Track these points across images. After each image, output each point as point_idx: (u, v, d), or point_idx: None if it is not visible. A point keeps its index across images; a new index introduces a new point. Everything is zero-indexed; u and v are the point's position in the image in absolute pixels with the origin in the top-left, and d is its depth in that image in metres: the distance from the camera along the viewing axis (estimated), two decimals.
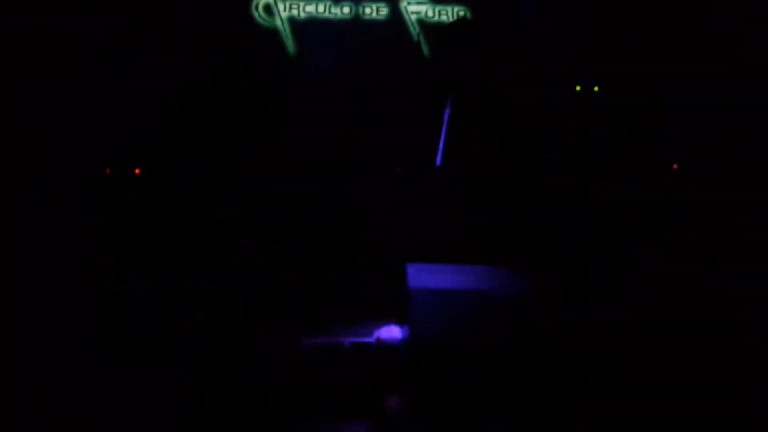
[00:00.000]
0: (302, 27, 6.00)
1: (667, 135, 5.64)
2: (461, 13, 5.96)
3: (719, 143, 5.52)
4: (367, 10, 6.00)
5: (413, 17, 5.96)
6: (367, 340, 4.21)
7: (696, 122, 5.60)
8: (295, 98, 5.87)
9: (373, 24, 6.00)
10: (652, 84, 5.71)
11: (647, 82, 5.72)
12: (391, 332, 4.26)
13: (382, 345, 4.17)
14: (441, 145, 4.81)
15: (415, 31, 5.87)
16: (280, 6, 5.98)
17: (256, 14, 5.97)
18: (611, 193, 5.37)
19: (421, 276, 4.07)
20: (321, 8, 6.00)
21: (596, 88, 5.69)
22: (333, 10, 5.99)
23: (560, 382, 3.84)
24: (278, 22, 5.98)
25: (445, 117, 4.84)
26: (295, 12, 5.99)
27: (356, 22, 5.99)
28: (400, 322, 4.25)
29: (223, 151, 5.56)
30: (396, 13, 5.99)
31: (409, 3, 5.97)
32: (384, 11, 6.00)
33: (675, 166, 5.51)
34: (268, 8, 5.98)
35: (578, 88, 5.69)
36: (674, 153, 5.56)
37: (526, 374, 3.88)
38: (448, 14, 5.97)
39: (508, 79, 5.73)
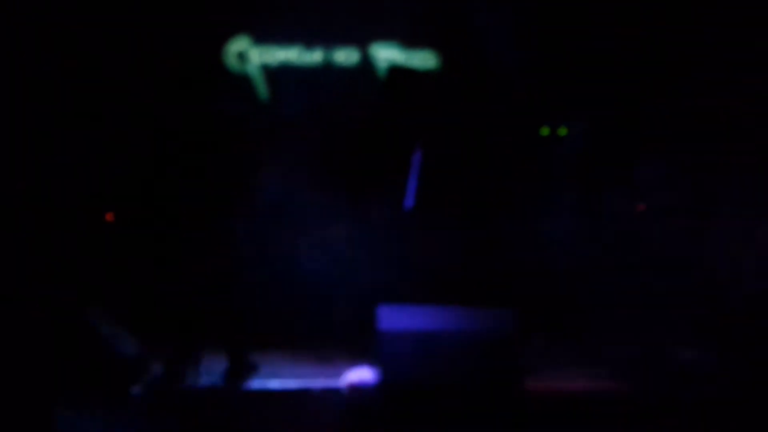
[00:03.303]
0: (275, 73, 6.08)
1: (635, 177, 5.74)
2: (429, 58, 6.06)
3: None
4: (339, 56, 6.09)
5: (384, 63, 6.05)
6: (338, 383, 4.23)
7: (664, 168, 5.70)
8: (267, 144, 5.93)
9: (344, 70, 6.09)
10: (622, 127, 5.82)
11: (617, 126, 5.82)
12: (363, 375, 4.28)
13: (354, 388, 4.19)
14: (411, 188, 4.87)
15: (384, 76, 5.97)
16: (253, 53, 6.06)
17: (229, 61, 6.06)
18: (578, 232, 5.46)
19: (392, 318, 4.10)
20: (293, 54, 6.08)
21: (563, 131, 5.79)
22: (305, 56, 6.08)
23: (534, 420, 3.88)
24: (251, 69, 6.05)
25: (415, 160, 4.91)
26: (267, 59, 6.07)
27: (328, 67, 6.08)
28: (371, 365, 4.28)
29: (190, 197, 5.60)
30: (367, 59, 6.09)
31: (379, 48, 6.07)
32: (355, 57, 6.09)
33: (641, 207, 5.60)
34: (240, 55, 6.06)
35: (545, 131, 5.79)
36: (641, 195, 5.65)
37: (499, 413, 3.92)
38: (419, 59, 6.06)
39: (477, 124, 5.83)
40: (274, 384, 4.39)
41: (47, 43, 5.72)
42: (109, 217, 5.47)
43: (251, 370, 4.47)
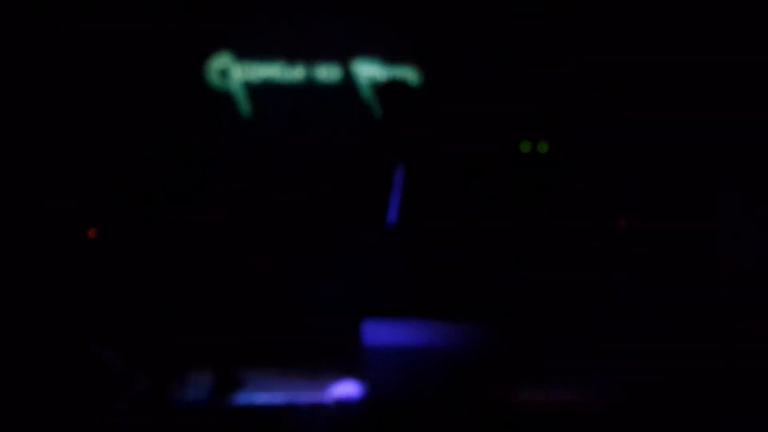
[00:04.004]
0: (257, 90, 6.09)
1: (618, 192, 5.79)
2: (411, 74, 6.10)
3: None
4: (321, 73, 6.11)
5: (365, 80, 6.08)
6: (323, 398, 4.24)
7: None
8: (248, 162, 5.95)
9: (326, 86, 6.12)
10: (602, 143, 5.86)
11: (597, 141, 5.87)
12: (348, 390, 4.29)
13: (339, 403, 4.20)
14: (394, 203, 4.90)
15: (367, 93, 5.99)
16: (235, 70, 6.08)
17: (210, 78, 6.07)
18: (565, 249, 5.49)
19: (378, 333, 4.12)
20: (276, 71, 6.10)
21: (545, 147, 5.83)
22: (287, 73, 6.10)
23: None
24: (233, 86, 6.07)
25: (398, 175, 4.93)
26: (249, 76, 6.09)
27: (310, 84, 6.10)
28: (356, 380, 4.29)
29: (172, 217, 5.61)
30: (348, 76, 6.12)
31: (361, 64, 6.10)
32: (337, 73, 6.12)
33: (623, 223, 5.64)
34: (222, 72, 6.07)
35: (526, 147, 5.83)
36: (625, 210, 5.70)
37: (486, 428, 3.93)
38: (400, 75, 6.10)
39: (458, 140, 5.87)
40: (260, 399, 4.39)
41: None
42: (92, 233, 5.46)
43: (237, 384, 4.47)
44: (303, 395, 4.38)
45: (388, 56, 6.09)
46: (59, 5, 5.74)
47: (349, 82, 6.11)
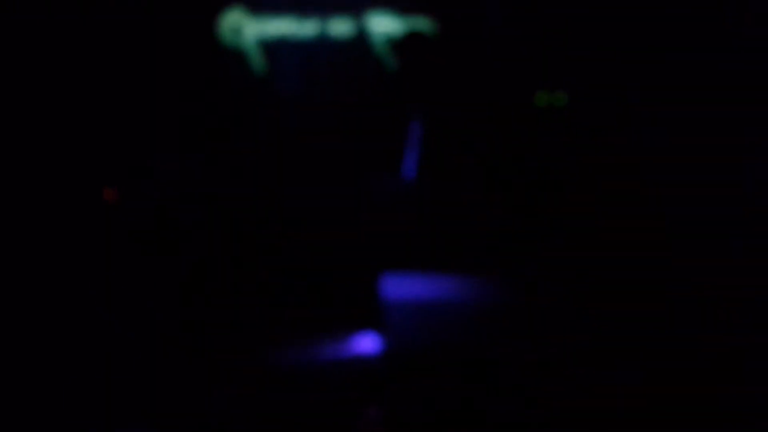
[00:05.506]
0: (270, 47, 6.04)
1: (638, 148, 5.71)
2: (426, 27, 6.02)
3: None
4: (334, 27, 6.04)
5: (379, 34, 6.01)
6: (342, 352, 4.23)
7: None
8: (263, 117, 5.91)
9: (340, 41, 6.05)
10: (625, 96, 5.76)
11: (620, 95, 5.77)
12: (367, 345, 4.28)
13: (358, 358, 4.19)
14: (412, 156, 4.86)
15: (381, 47, 5.92)
16: (248, 25, 6.02)
17: (223, 35, 6.01)
18: (586, 202, 5.44)
19: (397, 286, 4.10)
20: (288, 27, 6.04)
21: (563, 100, 5.76)
22: (300, 28, 6.04)
23: (541, 392, 3.88)
24: (246, 42, 6.01)
25: (414, 128, 4.89)
26: (262, 31, 6.03)
27: (323, 39, 6.04)
28: (376, 334, 4.28)
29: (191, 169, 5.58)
30: (362, 29, 6.05)
31: (375, 17, 6.03)
32: (350, 27, 6.05)
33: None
34: (235, 29, 6.01)
35: (541, 101, 5.75)
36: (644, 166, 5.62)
37: (505, 384, 3.91)
38: (415, 28, 6.02)
39: (476, 91, 5.81)
40: (276, 355, 4.38)
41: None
42: (108, 194, 5.41)
43: (252, 343, 4.47)
44: (321, 350, 4.37)
45: (402, 7, 6.02)
46: None
47: (362, 36, 6.03)
